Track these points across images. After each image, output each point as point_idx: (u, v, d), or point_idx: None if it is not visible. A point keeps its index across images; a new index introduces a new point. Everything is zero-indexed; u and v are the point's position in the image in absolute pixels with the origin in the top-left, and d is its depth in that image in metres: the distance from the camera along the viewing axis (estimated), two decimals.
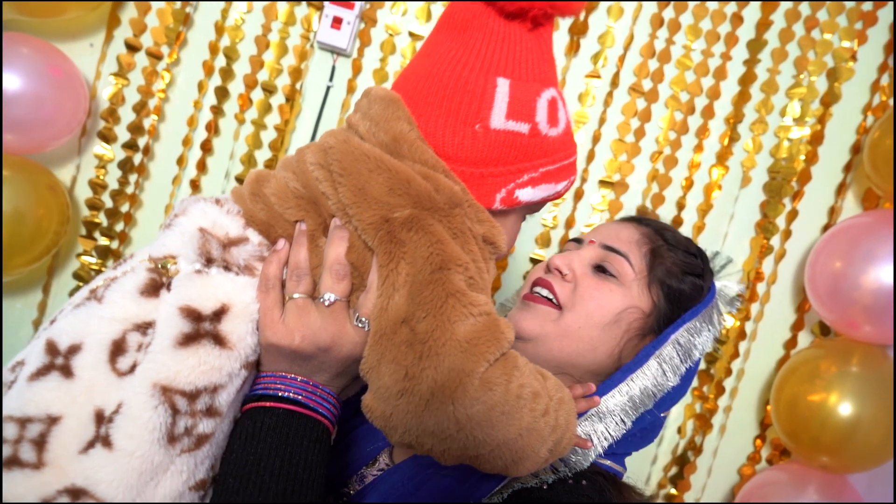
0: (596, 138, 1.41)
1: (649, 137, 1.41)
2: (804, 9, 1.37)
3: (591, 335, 0.72)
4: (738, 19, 1.38)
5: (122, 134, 1.41)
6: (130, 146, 1.41)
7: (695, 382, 1.44)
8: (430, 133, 0.61)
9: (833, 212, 1.40)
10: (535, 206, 0.69)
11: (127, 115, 1.41)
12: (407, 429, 0.55)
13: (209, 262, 0.58)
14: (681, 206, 1.41)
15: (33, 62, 1.27)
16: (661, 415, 0.75)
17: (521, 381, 0.58)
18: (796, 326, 1.42)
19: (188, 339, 0.55)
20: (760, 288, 1.42)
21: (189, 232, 0.59)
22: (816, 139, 1.38)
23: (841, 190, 1.40)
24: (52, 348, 0.55)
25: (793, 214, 1.40)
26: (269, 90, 1.41)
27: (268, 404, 0.59)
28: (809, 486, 1.32)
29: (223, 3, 1.39)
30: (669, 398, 0.73)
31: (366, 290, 0.60)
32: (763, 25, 1.38)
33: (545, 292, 0.76)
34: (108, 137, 1.41)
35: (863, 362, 1.29)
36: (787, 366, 1.36)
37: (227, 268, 0.59)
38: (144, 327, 0.56)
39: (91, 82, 1.40)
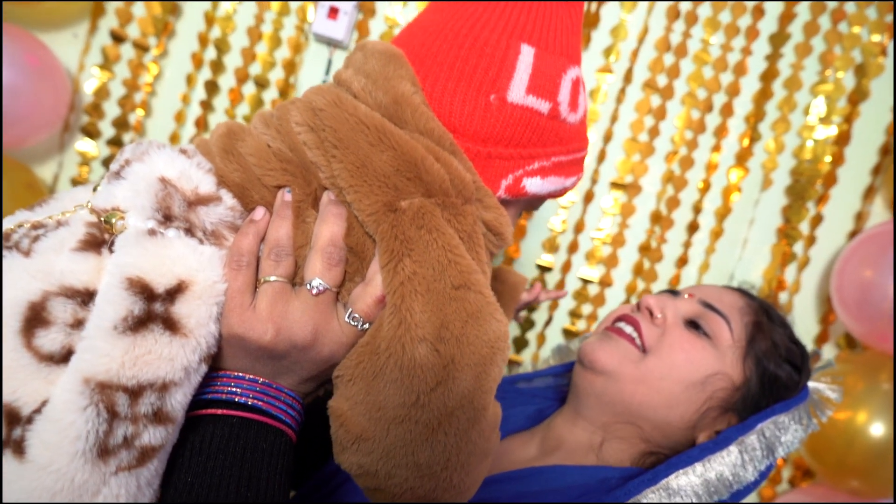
0: (607, 137, 1.32)
1: (664, 137, 1.33)
2: (830, 1, 1.29)
3: (672, 390, 0.66)
4: (759, 12, 1.30)
5: (107, 129, 1.34)
6: (115, 142, 1.34)
7: None
8: (435, 98, 0.52)
9: (860, 217, 1.31)
10: (536, 202, 0.60)
11: (112, 109, 1.34)
12: (388, 457, 0.47)
13: (167, 219, 0.46)
14: (697, 209, 1.33)
15: (11, 52, 1.20)
16: None
17: (496, 440, 0.51)
18: (820, 339, 1.33)
19: (137, 323, 0.42)
20: (783, 298, 1.33)
21: (147, 180, 0.47)
22: (843, 139, 1.30)
23: (869, 194, 1.31)
24: None
25: (817, 220, 1.31)
26: (261, 84, 1.33)
27: (220, 411, 0.47)
28: None
29: None
30: (744, 491, 0.65)
31: (364, 283, 0.50)
32: (786, 18, 1.29)
33: (629, 329, 0.70)
34: (91, 133, 1.34)
35: (894, 378, 1.20)
36: None
37: (189, 231, 0.47)
38: (84, 297, 0.43)
39: (74, 74, 1.33)
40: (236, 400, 0.48)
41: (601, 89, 1.32)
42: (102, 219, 0.46)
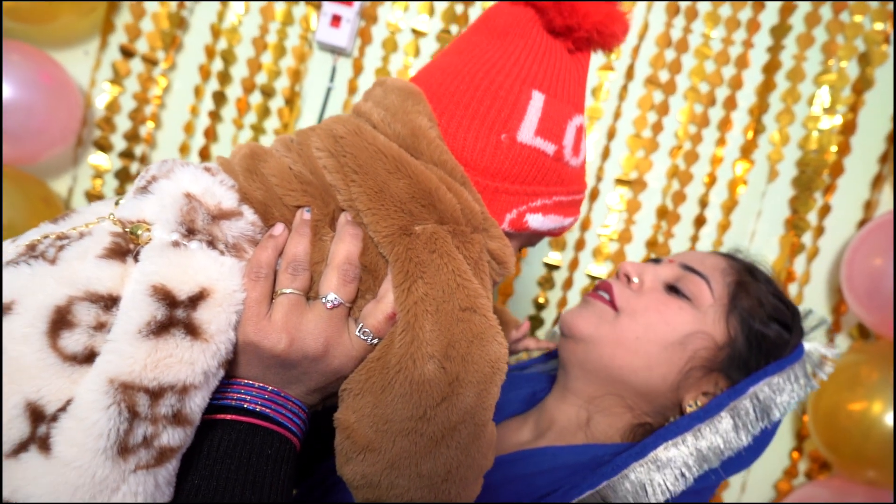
0: (611, 134, 1.33)
1: (668, 132, 1.33)
2: None
3: (650, 351, 0.65)
4: (759, 4, 1.30)
5: (119, 143, 1.37)
6: (127, 155, 1.37)
7: None
8: (450, 134, 0.55)
9: (869, 206, 1.31)
10: (535, 238, 0.64)
11: (123, 123, 1.37)
12: (393, 467, 0.48)
13: (190, 232, 0.48)
14: (704, 203, 1.33)
15: (25, 70, 1.23)
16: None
17: (492, 459, 0.53)
18: (832, 330, 1.32)
19: (160, 328, 0.44)
20: (793, 289, 1.32)
21: (172, 196, 0.49)
22: (849, 129, 1.29)
23: (877, 182, 1.30)
24: None
25: (825, 210, 1.30)
26: (267, 93, 1.35)
27: (229, 417, 0.49)
28: (855, 500, 1.21)
29: (219, 4, 1.34)
30: (738, 461, 0.64)
31: (376, 300, 0.53)
32: (787, 10, 1.30)
33: (605, 294, 0.70)
34: (104, 146, 1.37)
35: (894, 365, 1.19)
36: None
37: (211, 243, 0.49)
38: (107, 301, 0.45)
39: (86, 90, 1.36)
40: (245, 406, 0.50)
41: (603, 87, 1.33)
42: (128, 230, 0.48)
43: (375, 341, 0.52)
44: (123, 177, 1.37)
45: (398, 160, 0.53)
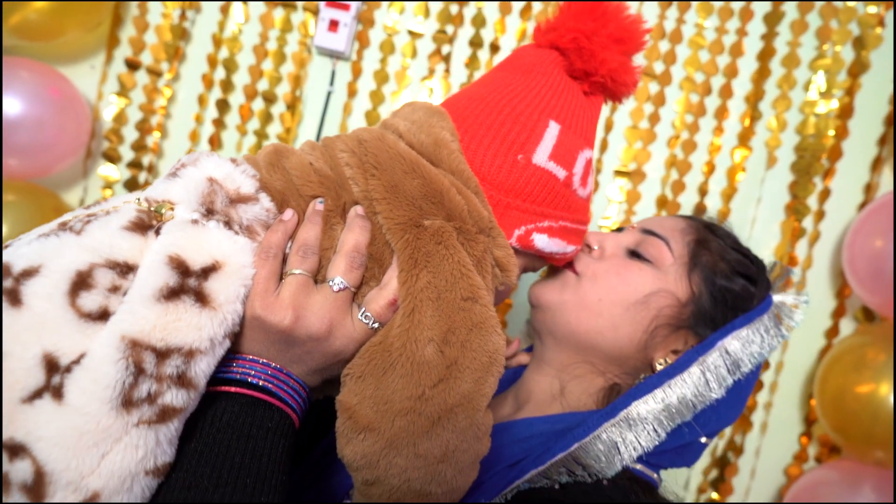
0: (608, 127, 1.35)
1: (665, 122, 1.34)
2: None
3: (613, 312, 0.67)
4: None
5: (127, 153, 1.40)
6: (135, 165, 1.40)
7: None
8: (471, 150, 0.60)
9: (870, 188, 1.31)
10: (537, 262, 0.67)
11: (130, 134, 1.40)
12: (392, 446, 0.51)
13: (209, 213, 0.53)
14: (703, 191, 1.34)
15: (33, 86, 1.27)
16: (703, 440, 0.68)
17: (490, 422, 0.56)
18: (837, 313, 1.33)
19: (171, 293, 0.48)
20: (796, 274, 1.32)
21: (196, 180, 0.54)
22: (846, 112, 1.30)
23: (877, 165, 1.31)
24: (4, 270, 0.47)
25: (825, 194, 1.31)
26: (269, 99, 1.38)
27: (233, 389, 0.52)
28: (864, 485, 1.21)
29: (220, 14, 1.37)
30: (714, 417, 0.65)
31: (379, 287, 0.56)
32: None
33: (567, 263, 0.72)
34: (112, 157, 1.40)
35: (893, 345, 1.19)
36: (830, 355, 1.26)
37: (227, 224, 0.53)
38: (123, 268, 0.49)
39: (93, 103, 1.40)
40: (249, 380, 0.52)
41: None
42: (153, 208, 0.52)
43: (376, 325, 0.55)
44: (132, 187, 1.40)
45: (415, 163, 0.57)
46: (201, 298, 0.49)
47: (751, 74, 1.33)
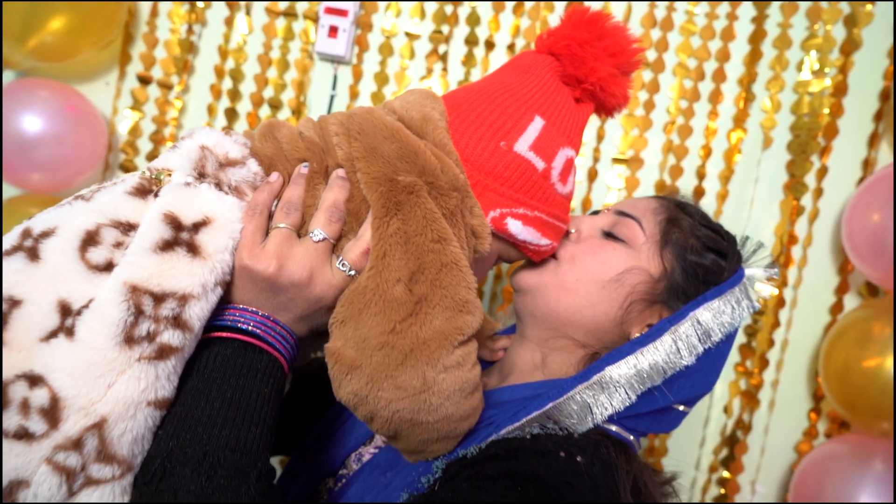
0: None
1: (660, 109, 1.37)
2: None
3: (589, 290, 0.70)
4: None
5: (143, 164, 1.46)
6: None
7: (737, 357, 1.37)
8: (458, 131, 0.65)
9: (867, 164, 1.32)
10: (512, 251, 0.70)
11: (145, 145, 1.47)
12: (373, 380, 0.55)
13: (201, 176, 0.59)
14: (701, 175, 1.36)
15: (52, 104, 1.34)
16: (681, 408, 0.71)
17: (477, 373, 0.60)
18: (841, 289, 1.34)
19: (166, 245, 0.55)
20: (796, 252, 1.34)
21: (190, 148, 0.61)
22: (840, 90, 1.31)
23: (874, 141, 1.32)
24: (25, 233, 0.55)
25: (822, 172, 1.32)
26: (275, 105, 1.43)
27: (225, 335, 0.58)
28: (873, 458, 1.22)
29: (225, 27, 1.43)
30: (688, 384, 0.68)
31: (356, 238, 0.61)
32: None
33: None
34: (129, 169, 1.47)
35: (894, 319, 1.20)
36: (834, 330, 1.28)
37: (217, 185, 0.60)
38: (125, 227, 0.56)
39: (109, 118, 1.46)
40: (239, 326, 0.58)
41: None
42: (153, 175, 0.60)
43: (353, 273, 0.60)
44: None
45: (396, 130, 0.63)
46: (193, 249, 0.55)
47: (743, 57, 1.35)
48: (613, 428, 0.67)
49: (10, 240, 0.56)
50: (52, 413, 0.50)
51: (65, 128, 1.34)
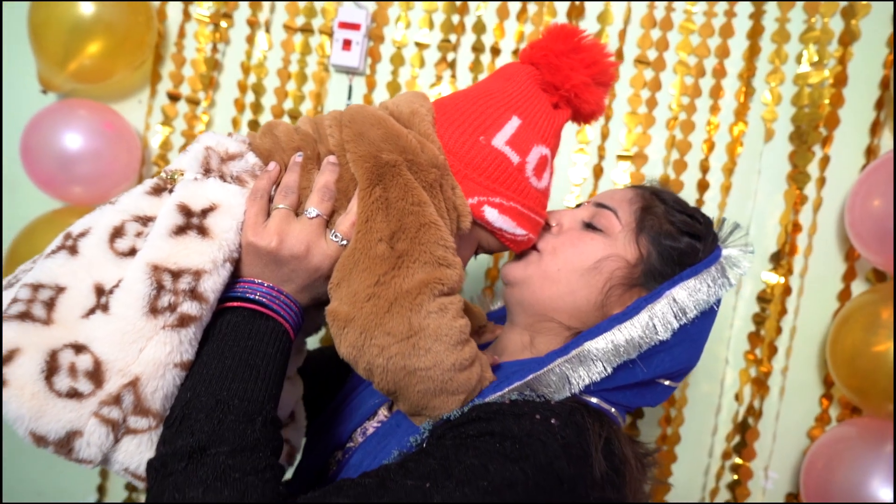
0: (608, 115, 1.42)
1: (662, 106, 1.41)
2: None
3: (570, 278, 0.75)
4: None
5: None
6: None
7: (746, 345, 1.40)
8: (442, 126, 0.73)
9: (870, 152, 1.34)
10: (492, 241, 0.77)
11: (175, 158, 1.56)
12: (365, 329, 0.63)
13: (207, 171, 0.69)
14: (704, 168, 1.40)
15: (90, 122, 1.44)
16: (666, 383, 0.75)
17: (463, 324, 0.66)
18: (848, 276, 1.36)
19: (179, 230, 0.64)
20: (802, 241, 1.37)
21: (196, 150, 0.71)
22: (840, 81, 1.34)
23: (875, 129, 1.34)
24: (67, 236, 0.66)
25: (825, 161, 1.35)
26: (295, 116, 1.52)
27: (236, 304, 0.67)
28: (884, 440, 1.24)
29: (246, 44, 1.53)
30: (668, 359, 0.72)
31: (346, 212, 0.69)
32: None
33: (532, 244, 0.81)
34: None
35: (894, 302, 1.21)
36: (840, 316, 1.30)
37: (222, 178, 0.69)
38: (144, 220, 0.67)
39: (142, 133, 1.57)
40: (248, 296, 0.67)
41: None
42: (168, 176, 0.70)
43: (345, 242, 0.68)
44: None
45: (382, 119, 0.71)
46: (202, 231, 0.65)
47: (742, 53, 1.38)
48: (594, 400, 0.72)
49: (55, 242, 0.67)
50: (96, 375, 0.60)
51: (102, 144, 1.45)
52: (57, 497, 1.67)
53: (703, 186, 1.40)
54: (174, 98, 1.55)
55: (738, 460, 1.40)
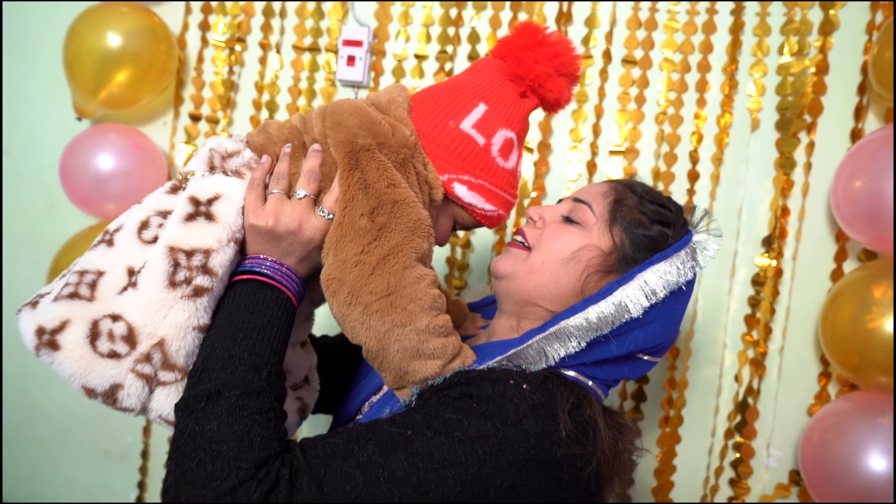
0: (598, 113, 1.50)
1: (651, 102, 1.48)
2: None
3: (553, 270, 0.83)
4: None
5: None
6: None
7: (743, 327, 1.45)
8: (417, 112, 0.83)
9: (855, 135, 1.39)
10: (466, 217, 0.87)
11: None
12: (353, 290, 0.74)
13: (212, 169, 0.81)
14: (694, 160, 1.46)
15: (120, 144, 1.58)
16: (645, 358, 0.82)
17: (436, 294, 0.76)
18: (839, 257, 1.40)
19: (190, 217, 0.77)
20: (793, 226, 1.42)
21: (202, 153, 0.83)
22: (821, 69, 1.39)
23: (859, 113, 1.39)
24: (105, 231, 0.80)
25: (811, 147, 1.40)
26: None
27: (244, 277, 0.78)
28: (880, 412, 1.27)
29: (259, 65, 1.64)
30: (642, 335, 0.78)
31: (330, 191, 0.80)
32: None
33: (520, 238, 0.89)
34: None
35: (893, 282, 1.25)
36: (831, 294, 1.34)
37: (224, 173, 0.81)
38: (165, 214, 0.79)
39: (167, 153, 1.70)
40: (254, 269, 0.78)
41: (586, 73, 1.51)
42: (182, 177, 0.82)
43: (331, 216, 0.79)
44: None
45: (359, 108, 0.81)
46: (209, 217, 0.77)
47: (725, 47, 1.45)
48: (571, 373, 0.79)
49: (97, 238, 0.81)
50: (130, 338, 0.73)
51: (131, 164, 1.58)
52: (100, 496, 1.80)
53: (693, 177, 1.46)
54: (195, 118, 1.68)
55: (739, 439, 1.45)
